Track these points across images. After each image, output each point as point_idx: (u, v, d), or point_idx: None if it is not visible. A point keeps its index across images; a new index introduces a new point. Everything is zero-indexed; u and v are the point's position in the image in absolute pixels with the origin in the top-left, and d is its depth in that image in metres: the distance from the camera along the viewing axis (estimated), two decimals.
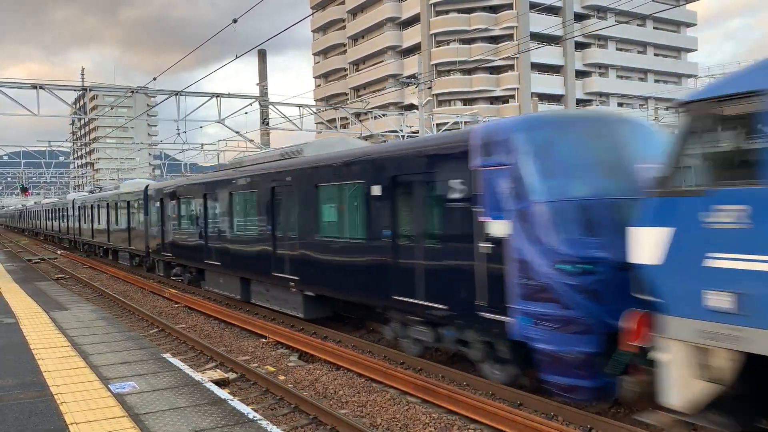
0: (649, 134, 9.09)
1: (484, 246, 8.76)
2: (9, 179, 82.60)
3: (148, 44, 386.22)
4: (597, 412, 8.08)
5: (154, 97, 33.68)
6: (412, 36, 70.50)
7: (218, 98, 28.15)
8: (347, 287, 12.13)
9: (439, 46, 67.31)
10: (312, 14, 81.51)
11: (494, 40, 66.62)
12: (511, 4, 65.55)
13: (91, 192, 41.88)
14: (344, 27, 79.78)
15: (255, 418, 7.02)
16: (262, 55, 33.96)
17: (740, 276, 5.57)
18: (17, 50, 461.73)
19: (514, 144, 8.46)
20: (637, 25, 72.95)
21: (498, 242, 8.54)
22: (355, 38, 78.26)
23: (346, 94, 78.03)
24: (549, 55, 67.30)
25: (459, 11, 67.36)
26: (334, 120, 37.72)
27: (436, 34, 67.84)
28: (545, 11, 66.30)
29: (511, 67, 66.79)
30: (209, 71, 77.93)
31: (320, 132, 53.39)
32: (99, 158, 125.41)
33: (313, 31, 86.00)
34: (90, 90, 31.87)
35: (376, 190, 11.11)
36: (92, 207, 35.04)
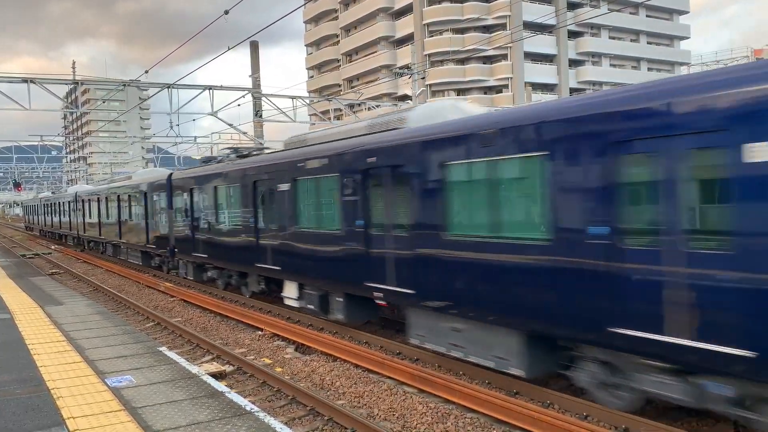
0: None
1: None
2: (1, 174, 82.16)
3: (145, 38, 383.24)
4: (592, 400, 8.13)
5: (146, 90, 33.48)
6: (405, 26, 70.22)
7: (211, 91, 28.00)
8: None
9: (432, 36, 67.09)
10: (304, 5, 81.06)
11: (487, 29, 66.44)
12: None
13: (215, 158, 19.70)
14: (337, 18, 79.43)
15: (252, 410, 7.04)
16: (255, 47, 33.79)
17: None
18: (14, 45, 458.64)
19: None
20: (630, 13, 72.83)
21: None
22: (348, 29, 77.91)
23: (339, 86, 77.77)
24: (542, 44, 67.16)
25: (452, 1, 67.11)
26: (327, 111, 37.59)
27: (429, 24, 67.59)
28: (538, 0, 66.09)
29: (504, 57, 66.64)
30: (203, 63, 77.28)
31: (314, 123, 53.22)
32: (92, 152, 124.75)
33: (306, 23, 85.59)
34: (81, 83, 31.52)
35: None
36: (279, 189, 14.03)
